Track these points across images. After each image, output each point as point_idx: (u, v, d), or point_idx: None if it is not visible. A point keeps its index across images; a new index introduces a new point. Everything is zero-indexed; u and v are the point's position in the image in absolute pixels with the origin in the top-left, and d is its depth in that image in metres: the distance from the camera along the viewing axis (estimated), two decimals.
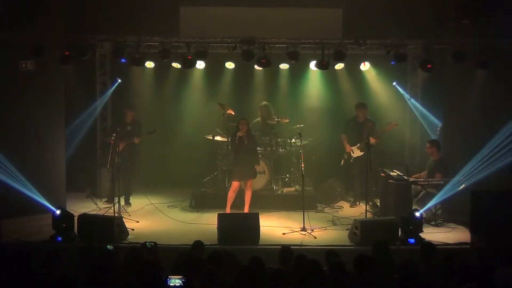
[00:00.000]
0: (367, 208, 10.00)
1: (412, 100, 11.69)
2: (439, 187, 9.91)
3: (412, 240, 8.67)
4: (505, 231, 8.18)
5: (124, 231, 9.01)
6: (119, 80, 11.92)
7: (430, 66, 10.54)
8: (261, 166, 10.98)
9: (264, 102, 11.72)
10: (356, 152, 11.08)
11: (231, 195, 10.24)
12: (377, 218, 10.07)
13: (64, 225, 8.80)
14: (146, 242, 6.98)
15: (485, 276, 5.50)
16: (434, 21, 11.07)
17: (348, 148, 11.19)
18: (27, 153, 10.31)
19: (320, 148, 11.98)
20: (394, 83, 11.94)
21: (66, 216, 8.91)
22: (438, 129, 11.04)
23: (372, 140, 10.62)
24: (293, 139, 11.20)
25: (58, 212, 8.88)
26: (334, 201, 11.38)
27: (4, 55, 10.07)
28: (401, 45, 10.68)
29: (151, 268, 5.45)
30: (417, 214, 8.97)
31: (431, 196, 9.90)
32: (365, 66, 11.78)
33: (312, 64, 11.37)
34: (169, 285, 5.36)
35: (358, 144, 10.98)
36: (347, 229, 9.23)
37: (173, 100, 12.73)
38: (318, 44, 10.64)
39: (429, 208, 9.83)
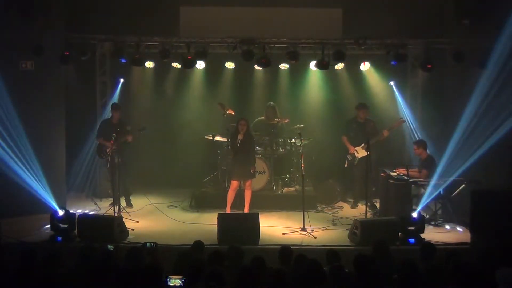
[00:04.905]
0: (367, 208, 10.00)
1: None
2: (438, 187, 9.91)
3: (412, 240, 8.67)
4: (505, 231, 8.17)
5: (124, 231, 9.00)
6: (122, 80, 11.90)
7: (430, 66, 10.56)
8: (261, 166, 10.98)
9: (271, 103, 11.66)
10: (361, 153, 10.82)
11: (231, 194, 10.25)
12: (377, 218, 10.07)
13: (63, 225, 8.79)
14: (146, 242, 6.98)
15: (485, 276, 5.49)
16: (434, 21, 11.06)
17: (352, 149, 10.99)
18: (27, 153, 10.30)
19: (320, 148, 11.96)
20: (391, 83, 11.92)
21: (68, 216, 8.91)
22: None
23: (386, 133, 10.68)
24: (293, 139, 11.20)
25: (61, 213, 8.88)
26: (334, 201, 11.37)
27: (4, 55, 10.06)
28: (401, 45, 10.69)
29: (152, 272, 5.43)
30: (415, 214, 8.96)
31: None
32: (365, 66, 11.78)
33: (312, 64, 11.38)
34: (169, 285, 5.35)
35: (363, 144, 10.65)
36: (347, 229, 9.22)
37: (173, 100, 12.73)
38: (318, 44, 10.65)
39: (425, 206, 9.83)
